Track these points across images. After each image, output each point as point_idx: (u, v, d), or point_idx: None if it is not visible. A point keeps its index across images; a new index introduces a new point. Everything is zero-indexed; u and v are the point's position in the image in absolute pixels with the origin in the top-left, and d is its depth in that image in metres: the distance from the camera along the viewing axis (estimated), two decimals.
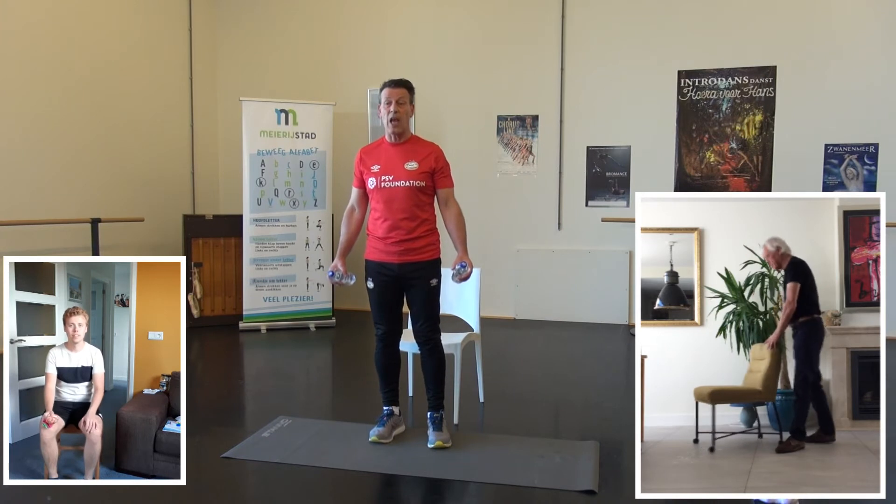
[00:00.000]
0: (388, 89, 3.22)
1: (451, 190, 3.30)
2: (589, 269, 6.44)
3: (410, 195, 3.19)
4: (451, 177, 3.31)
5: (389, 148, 3.27)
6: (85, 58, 5.81)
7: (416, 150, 3.25)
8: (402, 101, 3.19)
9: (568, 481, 2.80)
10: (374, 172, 3.24)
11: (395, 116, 3.17)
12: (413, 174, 3.19)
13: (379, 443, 3.24)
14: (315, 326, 6.21)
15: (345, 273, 3.32)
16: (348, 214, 3.41)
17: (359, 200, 3.39)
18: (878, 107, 5.77)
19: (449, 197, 3.29)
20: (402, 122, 3.21)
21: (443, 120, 6.84)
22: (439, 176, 3.25)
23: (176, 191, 6.96)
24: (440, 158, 3.25)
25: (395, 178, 3.19)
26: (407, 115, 3.23)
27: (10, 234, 5.12)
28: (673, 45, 6.21)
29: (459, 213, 3.28)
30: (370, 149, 3.34)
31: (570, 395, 4.28)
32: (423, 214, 3.24)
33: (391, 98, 3.18)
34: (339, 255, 3.37)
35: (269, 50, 7.27)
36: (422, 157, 3.22)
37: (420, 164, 3.21)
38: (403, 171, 3.19)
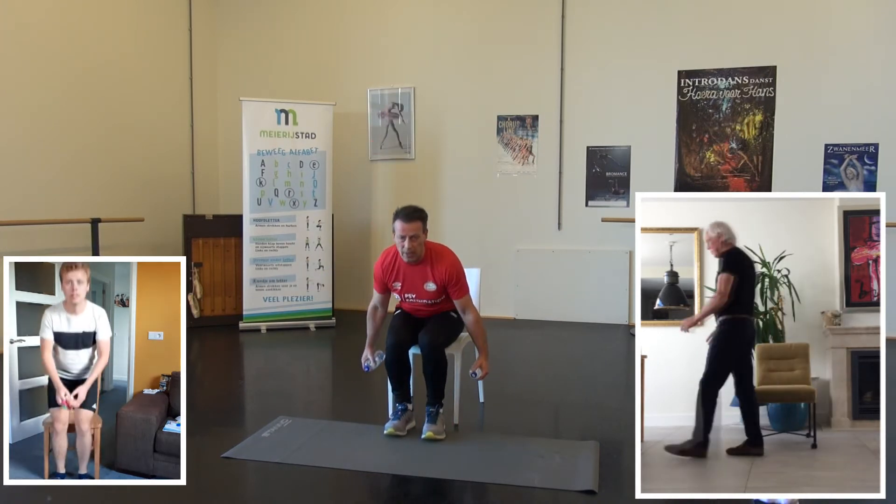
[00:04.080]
0: (400, 223, 3.28)
1: (467, 298, 3.44)
2: (589, 269, 6.44)
3: (434, 308, 3.46)
4: (466, 285, 3.43)
5: (407, 268, 3.39)
6: (85, 58, 5.81)
7: (431, 269, 3.36)
8: (415, 236, 3.28)
9: (568, 481, 2.80)
10: (397, 290, 3.44)
11: (409, 251, 3.28)
12: (432, 294, 3.39)
13: (395, 435, 3.29)
14: (315, 326, 6.21)
15: (374, 361, 3.54)
16: (372, 313, 3.57)
17: (382, 301, 3.56)
18: (878, 107, 5.77)
19: (466, 306, 3.42)
20: (417, 252, 3.31)
21: (443, 120, 6.84)
22: (452, 289, 3.38)
23: (176, 191, 6.96)
24: (452, 274, 3.36)
25: (418, 296, 3.42)
26: (421, 245, 3.33)
27: (10, 234, 5.12)
28: (673, 45, 6.21)
29: (477, 320, 3.44)
30: (388, 264, 3.44)
31: (570, 395, 4.28)
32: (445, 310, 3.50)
33: (405, 234, 3.27)
34: (367, 346, 3.57)
35: (269, 50, 7.27)
36: (437, 277, 3.35)
37: (437, 285, 3.36)
38: (424, 291, 3.39)
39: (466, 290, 3.42)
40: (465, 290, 3.42)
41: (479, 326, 3.43)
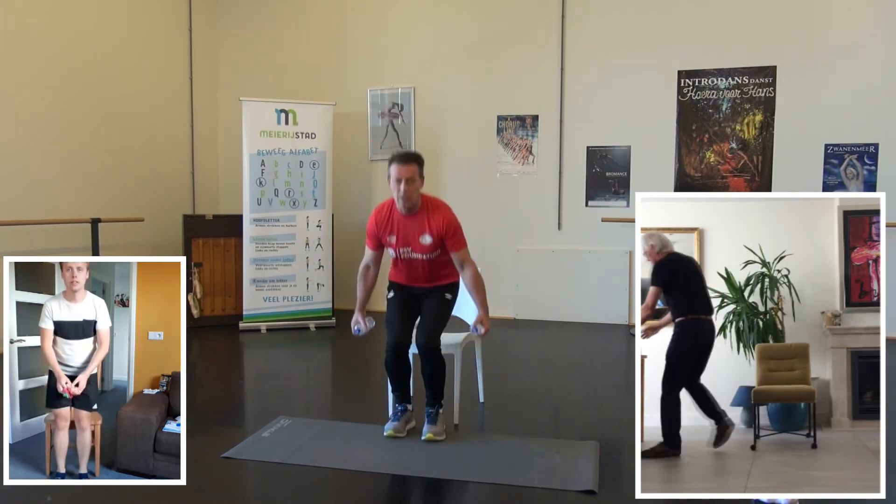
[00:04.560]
0: (396, 165, 3.22)
1: (465, 251, 3.34)
2: (589, 269, 6.44)
3: (429, 264, 3.36)
4: (463, 237, 3.35)
5: (402, 219, 3.32)
6: (85, 58, 5.81)
7: (427, 220, 3.29)
8: (411, 180, 3.20)
9: (568, 481, 2.80)
10: (391, 243, 3.35)
11: (405, 195, 3.20)
12: (428, 248, 3.30)
13: (395, 437, 3.27)
14: (315, 326, 6.21)
15: (365, 325, 3.44)
16: (363, 272, 3.48)
17: (374, 260, 3.48)
18: (878, 107, 5.77)
19: (463, 259, 3.34)
20: (413, 198, 3.25)
21: (443, 120, 6.84)
22: (450, 241, 3.30)
23: (176, 191, 6.96)
24: (449, 225, 3.28)
25: (413, 250, 3.32)
26: (417, 192, 3.26)
27: (10, 234, 5.12)
28: (673, 45, 6.21)
29: (475, 274, 3.36)
30: (382, 217, 3.37)
31: (570, 395, 4.28)
32: (442, 271, 3.39)
33: (401, 176, 3.19)
34: (357, 309, 3.48)
35: (269, 50, 7.27)
36: (434, 228, 3.28)
37: (433, 237, 3.28)
38: (419, 245, 3.30)
39: (464, 243, 3.33)
40: (463, 242, 3.33)
41: (478, 281, 3.34)
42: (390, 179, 3.23)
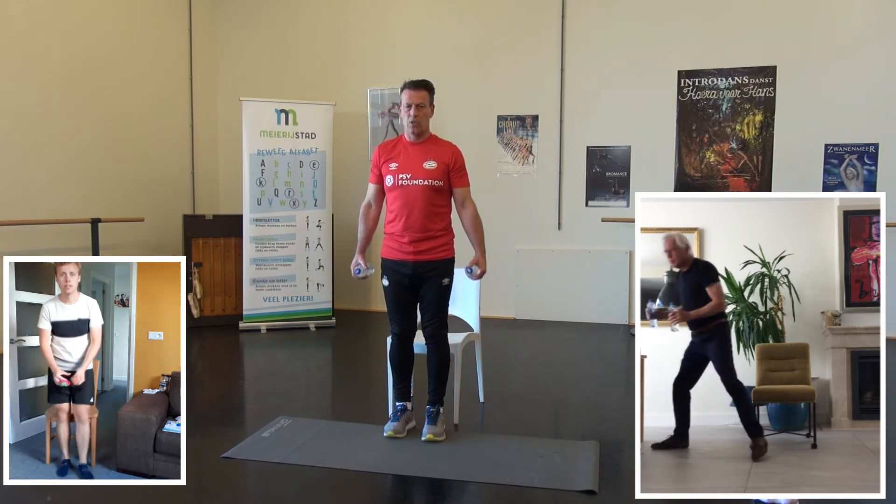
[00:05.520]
0: (408, 91, 3.25)
1: (468, 190, 3.35)
2: (589, 269, 6.44)
3: (428, 194, 3.25)
4: (468, 177, 3.35)
5: (409, 146, 3.31)
6: (85, 58, 5.81)
7: (434, 149, 3.30)
8: (422, 104, 3.23)
9: (568, 481, 2.80)
10: (392, 170, 3.29)
11: (415, 120, 3.22)
12: (431, 173, 3.25)
13: (395, 437, 3.27)
14: (315, 326, 6.21)
15: (365, 266, 3.39)
16: (365, 210, 3.45)
17: (375, 196, 3.44)
18: (878, 107, 5.77)
19: (465, 197, 3.35)
20: (422, 124, 3.27)
21: (443, 120, 6.83)
22: (455, 175, 3.30)
23: (176, 191, 6.95)
24: (458, 158, 3.31)
25: (413, 176, 3.25)
26: (427, 118, 3.29)
27: (10, 234, 5.12)
28: (673, 45, 6.21)
29: (476, 214, 3.36)
30: (389, 146, 3.37)
31: (570, 395, 4.28)
32: (439, 213, 3.30)
33: (411, 101, 3.22)
34: (358, 251, 3.43)
35: (269, 50, 7.26)
36: (440, 157, 3.27)
37: (438, 164, 3.26)
38: (422, 169, 3.25)
39: (468, 182, 3.35)
40: (468, 180, 3.34)
41: (476, 221, 3.36)
42: (401, 106, 3.27)
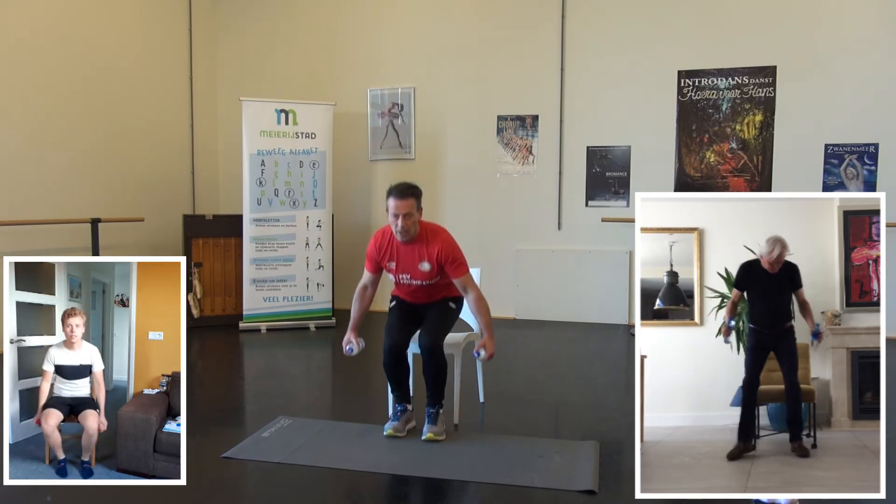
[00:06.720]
0: (394, 200, 3.19)
1: (467, 277, 3.31)
2: (589, 269, 6.44)
3: (430, 288, 3.38)
4: (464, 262, 3.31)
5: (401, 247, 3.32)
6: (85, 58, 5.81)
7: (425, 249, 3.28)
8: (408, 214, 3.19)
9: (568, 481, 2.80)
10: (391, 269, 3.36)
11: (402, 230, 3.21)
12: (427, 275, 3.31)
13: (395, 436, 3.27)
14: (315, 326, 6.21)
15: (357, 344, 3.39)
16: (360, 292, 3.46)
17: (372, 282, 3.46)
18: (878, 107, 5.77)
19: (466, 284, 3.31)
20: (411, 231, 3.24)
21: (443, 120, 6.84)
22: (450, 268, 3.28)
23: (176, 191, 6.95)
24: (447, 252, 3.26)
25: (413, 276, 3.33)
26: (415, 224, 3.25)
27: (10, 234, 5.12)
28: (673, 45, 6.21)
29: (479, 297, 3.31)
30: (382, 242, 3.37)
31: (570, 395, 4.28)
32: (443, 292, 3.43)
33: (398, 212, 3.18)
34: (350, 328, 3.41)
35: (269, 50, 7.27)
36: (431, 256, 3.27)
37: (432, 264, 3.27)
38: (419, 272, 3.31)
39: (466, 268, 3.29)
40: (465, 267, 3.29)
41: (481, 304, 3.28)
42: (388, 212, 3.23)
